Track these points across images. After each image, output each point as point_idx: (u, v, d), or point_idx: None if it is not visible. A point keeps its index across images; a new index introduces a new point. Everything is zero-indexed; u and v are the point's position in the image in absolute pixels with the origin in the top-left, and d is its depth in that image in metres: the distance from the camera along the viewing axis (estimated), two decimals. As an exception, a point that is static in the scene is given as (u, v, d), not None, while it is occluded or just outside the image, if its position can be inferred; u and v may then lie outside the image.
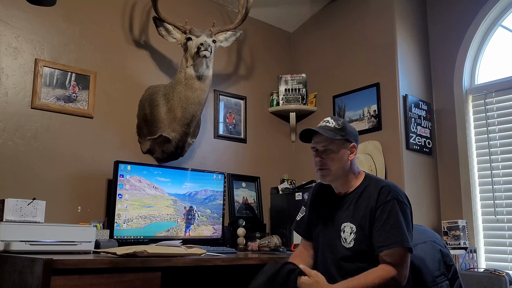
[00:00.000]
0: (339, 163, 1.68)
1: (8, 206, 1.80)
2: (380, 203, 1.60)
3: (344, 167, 1.69)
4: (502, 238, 2.74)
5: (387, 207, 1.58)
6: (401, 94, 2.82)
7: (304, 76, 3.33)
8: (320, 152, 1.70)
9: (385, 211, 1.58)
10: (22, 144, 2.20)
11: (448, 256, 1.88)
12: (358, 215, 1.62)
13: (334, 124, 1.71)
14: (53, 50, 2.36)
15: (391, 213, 1.57)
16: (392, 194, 1.60)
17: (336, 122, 1.72)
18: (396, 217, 1.56)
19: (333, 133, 1.68)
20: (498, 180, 2.80)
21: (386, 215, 1.57)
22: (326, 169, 1.68)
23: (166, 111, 2.48)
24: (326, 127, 1.71)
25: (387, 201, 1.59)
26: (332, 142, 1.68)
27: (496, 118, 2.86)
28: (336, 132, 1.69)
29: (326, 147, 1.68)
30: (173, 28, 2.52)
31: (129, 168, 2.30)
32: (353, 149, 1.71)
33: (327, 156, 1.68)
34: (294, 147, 3.39)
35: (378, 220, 1.58)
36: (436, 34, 3.11)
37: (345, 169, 1.69)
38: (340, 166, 1.68)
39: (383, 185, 1.64)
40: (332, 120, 1.73)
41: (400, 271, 1.52)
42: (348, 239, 1.62)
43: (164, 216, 2.38)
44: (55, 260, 1.43)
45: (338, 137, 1.68)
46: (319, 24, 3.39)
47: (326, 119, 1.76)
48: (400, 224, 1.55)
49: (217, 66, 2.95)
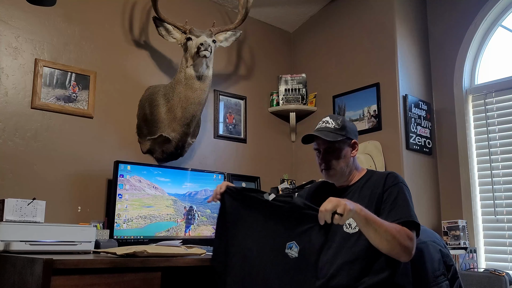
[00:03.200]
0: (343, 161, 1.71)
1: (8, 206, 1.80)
2: (387, 187, 1.64)
3: (348, 164, 1.72)
4: (502, 238, 2.74)
5: (394, 190, 1.62)
6: (401, 94, 2.82)
7: (304, 76, 3.33)
8: (323, 152, 1.72)
9: (393, 193, 1.62)
10: (22, 144, 2.20)
11: (448, 256, 1.88)
12: (363, 202, 1.60)
13: (333, 125, 1.72)
14: (53, 50, 2.36)
15: (399, 194, 1.61)
16: (399, 179, 1.66)
17: (335, 121, 1.73)
18: (405, 198, 1.61)
19: (333, 135, 1.69)
20: (498, 180, 2.80)
21: (395, 196, 1.61)
22: (332, 168, 1.71)
23: (166, 111, 2.48)
24: (326, 129, 1.72)
25: (394, 184, 1.64)
26: (334, 143, 1.70)
27: (496, 118, 2.86)
28: (337, 133, 1.70)
29: (329, 148, 1.70)
30: (173, 28, 2.52)
31: (129, 168, 2.30)
32: (354, 145, 1.75)
33: (331, 156, 1.70)
34: (294, 147, 3.39)
35: (386, 202, 1.62)
36: (436, 34, 3.11)
37: (349, 166, 1.73)
38: (345, 164, 1.71)
39: (389, 172, 1.71)
40: (332, 120, 1.74)
41: (414, 244, 1.52)
42: (353, 224, 1.62)
43: (164, 216, 2.38)
44: (55, 260, 1.42)
45: (339, 138, 1.69)
46: (319, 24, 3.39)
47: (325, 119, 1.76)
48: (408, 204, 1.60)
49: (217, 66, 2.95)
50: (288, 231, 1.54)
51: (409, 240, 1.51)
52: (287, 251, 1.53)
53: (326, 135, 1.69)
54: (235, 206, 1.68)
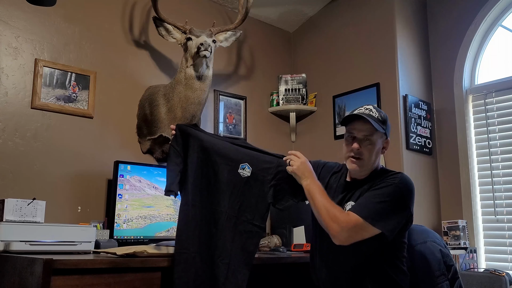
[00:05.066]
0: (374, 155, 1.63)
1: (8, 206, 1.80)
2: (381, 181, 1.59)
3: (374, 161, 1.64)
4: (502, 238, 2.74)
5: (382, 186, 1.56)
6: (401, 94, 2.82)
7: (304, 76, 3.33)
8: (358, 139, 1.63)
9: (379, 187, 1.57)
10: (22, 144, 2.20)
11: (448, 256, 1.88)
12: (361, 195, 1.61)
13: (377, 115, 1.64)
14: (53, 50, 2.36)
15: (382, 192, 1.55)
16: (397, 181, 1.57)
17: (378, 113, 1.65)
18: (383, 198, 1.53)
19: (377, 124, 1.61)
20: (498, 180, 2.80)
21: (378, 190, 1.55)
22: (361, 159, 1.62)
23: (166, 111, 2.48)
24: (370, 116, 1.63)
25: (387, 182, 1.57)
26: (373, 133, 1.62)
27: (496, 118, 2.86)
28: (379, 124, 1.62)
29: (367, 137, 1.62)
30: (173, 28, 2.52)
31: (129, 168, 2.30)
32: (387, 145, 1.68)
33: (365, 146, 1.62)
34: (294, 147, 3.39)
35: (370, 190, 1.58)
36: (436, 34, 3.11)
37: (373, 163, 1.65)
38: (374, 159, 1.64)
39: (397, 172, 1.63)
40: (375, 109, 1.66)
41: (343, 231, 1.50)
42: None
43: (164, 216, 2.38)
44: (55, 260, 1.42)
45: (381, 129, 1.62)
46: (319, 24, 3.39)
47: (368, 107, 1.68)
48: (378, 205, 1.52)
49: (217, 66, 2.94)
50: (241, 155, 1.79)
51: (334, 222, 1.50)
52: (240, 171, 1.75)
53: (373, 121, 1.59)
54: (190, 135, 1.79)
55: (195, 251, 1.68)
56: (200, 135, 1.80)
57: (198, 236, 1.71)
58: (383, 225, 1.50)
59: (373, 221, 1.49)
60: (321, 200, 1.58)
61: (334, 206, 1.57)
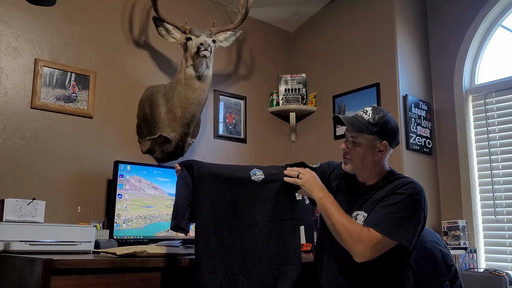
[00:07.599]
0: (362, 158, 1.62)
1: (7, 206, 1.80)
2: (393, 191, 1.57)
3: (366, 163, 1.63)
4: (502, 238, 2.74)
5: (396, 197, 1.55)
6: (401, 94, 2.82)
7: (304, 76, 3.33)
8: (347, 140, 1.66)
9: (392, 198, 1.55)
10: (22, 144, 2.20)
11: (448, 256, 1.89)
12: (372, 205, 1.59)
13: (368, 118, 1.62)
14: (52, 50, 2.36)
15: (396, 204, 1.54)
16: (410, 190, 1.56)
17: (373, 115, 1.62)
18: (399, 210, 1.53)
19: (362, 127, 1.60)
20: (498, 180, 2.80)
21: (391, 202, 1.54)
22: (348, 158, 1.65)
23: (166, 111, 2.48)
24: (358, 118, 1.63)
25: (400, 192, 1.56)
26: (360, 136, 1.62)
27: (496, 118, 2.86)
28: (367, 126, 1.60)
29: (354, 139, 1.63)
30: (173, 28, 2.52)
31: (129, 168, 2.30)
32: (383, 148, 1.63)
33: (352, 148, 1.64)
34: (294, 147, 3.39)
35: (383, 201, 1.56)
36: (436, 34, 3.11)
37: (366, 165, 1.64)
38: (362, 161, 1.63)
39: (408, 180, 1.61)
40: (371, 112, 1.64)
41: (367, 250, 1.50)
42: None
43: (164, 216, 2.38)
44: (54, 260, 1.42)
45: (366, 132, 1.60)
46: (319, 24, 3.39)
47: (366, 109, 1.66)
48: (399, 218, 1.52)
49: (217, 66, 2.94)
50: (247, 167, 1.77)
51: (359, 242, 1.49)
52: (253, 178, 1.73)
53: (352, 125, 1.61)
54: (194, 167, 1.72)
55: (235, 274, 1.61)
56: (205, 163, 1.75)
57: (232, 260, 1.63)
58: (402, 237, 1.52)
59: (393, 235, 1.51)
60: (339, 219, 1.55)
61: (353, 224, 1.54)
